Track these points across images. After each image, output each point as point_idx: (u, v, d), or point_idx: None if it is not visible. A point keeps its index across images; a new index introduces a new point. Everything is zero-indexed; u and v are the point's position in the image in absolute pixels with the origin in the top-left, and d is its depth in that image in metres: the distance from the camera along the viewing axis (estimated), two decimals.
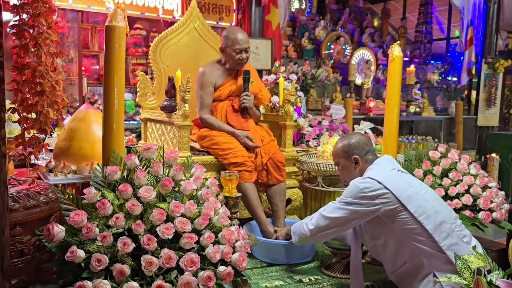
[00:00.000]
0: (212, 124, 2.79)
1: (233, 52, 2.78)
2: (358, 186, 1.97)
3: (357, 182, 1.99)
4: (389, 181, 1.96)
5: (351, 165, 2.15)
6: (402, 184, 1.98)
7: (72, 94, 5.60)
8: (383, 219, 1.97)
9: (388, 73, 2.86)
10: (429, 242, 1.90)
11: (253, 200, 2.59)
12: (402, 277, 2.04)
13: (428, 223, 1.90)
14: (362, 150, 2.13)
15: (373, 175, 1.99)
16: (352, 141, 2.15)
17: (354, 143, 2.14)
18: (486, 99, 8.29)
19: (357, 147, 2.13)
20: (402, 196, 1.92)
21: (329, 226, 2.04)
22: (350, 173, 2.16)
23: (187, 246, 1.65)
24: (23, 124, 2.31)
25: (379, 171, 2.04)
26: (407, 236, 1.94)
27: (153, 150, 1.88)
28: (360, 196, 1.95)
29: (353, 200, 1.97)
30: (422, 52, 9.27)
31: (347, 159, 2.15)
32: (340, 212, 1.99)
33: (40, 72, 2.24)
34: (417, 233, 1.91)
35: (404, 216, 1.92)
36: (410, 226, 1.91)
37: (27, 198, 1.78)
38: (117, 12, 1.96)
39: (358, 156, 2.12)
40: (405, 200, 1.92)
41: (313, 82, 6.16)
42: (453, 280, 1.47)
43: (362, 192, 1.95)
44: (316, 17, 8.54)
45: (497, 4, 8.11)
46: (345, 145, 2.16)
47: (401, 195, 1.93)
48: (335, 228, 2.04)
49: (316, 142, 3.96)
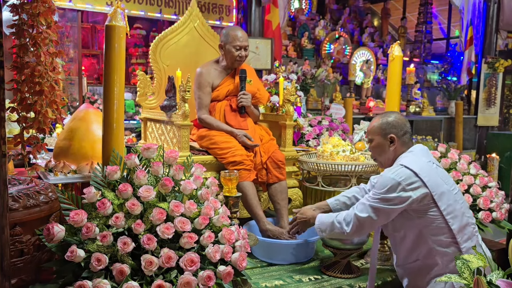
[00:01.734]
0: (211, 124, 2.79)
1: (232, 49, 2.78)
2: (394, 178, 1.90)
3: (392, 175, 1.92)
4: (425, 174, 1.90)
5: (386, 143, 2.06)
6: (437, 179, 1.93)
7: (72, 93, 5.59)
8: (410, 213, 1.93)
9: (388, 73, 2.86)
10: (450, 243, 1.88)
11: (252, 198, 2.59)
12: (409, 272, 2.02)
13: (454, 223, 1.88)
14: (400, 130, 2.05)
15: (409, 164, 1.92)
16: (390, 119, 2.07)
17: (393, 121, 2.06)
18: (486, 99, 8.29)
19: (395, 126, 2.05)
20: (435, 192, 1.88)
21: (365, 227, 1.99)
22: (384, 152, 2.08)
23: (187, 245, 1.65)
24: (22, 123, 2.31)
25: (415, 160, 1.96)
26: (429, 234, 1.91)
27: (153, 150, 1.87)
28: (397, 189, 1.88)
29: (388, 195, 1.90)
30: (422, 52, 9.26)
31: (383, 137, 2.07)
32: (375, 212, 1.94)
33: (39, 71, 2.24)
34: (441, 232, 1.89)
35: (433, 213, 1.89)
36: (436, 224, 1.89)
37: (27, 198, 1.78)
38: (117, 12, 1.96)
39: (394, 136, 2.04)
40: (437, 197, 1.88)
41: (313, 81, 6.15)
42: (453, 280, 1.46)
43: (400, 184, 1.88)
44: (316, 16, 8.54)
45: (497, 4, 8.11)
46: (383, 123, 2.07)
47: (435, 190, 1.89)
48: (372, 228, 2.02)
49: (316, 141, 3.97)
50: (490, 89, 8.29)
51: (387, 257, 2.50)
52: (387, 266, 2.45)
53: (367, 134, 2.17)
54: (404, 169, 1.91)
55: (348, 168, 2.90)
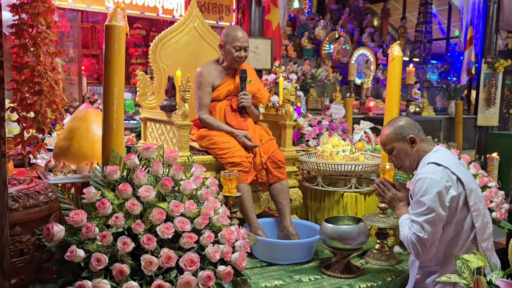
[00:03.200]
0: (211, 124, 2.79)
1: (232, 49, 2.78)
2: (432, 178, 1.86)
3: (430, 175, 1.87)
4: (458, 170, 1.90)
5: (408, 146, 2.05)
6: (467, 175, 1.93)
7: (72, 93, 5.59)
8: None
9: (388, 73, 2.87)
10: (472, 241, 1.89)
11: (247, 202, 2.59)
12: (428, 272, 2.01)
13: (478, 221, 1.88)
14: (414, 129, 2.06)
15: (441, 161, 1.90)
16: (402, 123, 2.07)
17: (405, 123, 2.07)
18: (486, 99, 8.29)
19: (409, 127, 2.05)
20: (468, 188, 1.88)
21: (431, 241, 1.90)
22: (408, 155, 2.06)
23: (186, 245, 1.65)
24: (22, 123, 2.31)
25: (444, 157, 1.94)
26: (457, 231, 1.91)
27: (153, 150, 1.87)
28: (438, 186, 1.84)
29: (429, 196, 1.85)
30: (422, 52, 9.27)
31: (402, 141, 2.05)
32: (432, 226, 1.87)
33: (39, 71, 2.24)
34: (466, 230, 1.90)
35: (463, 210, 1.89)
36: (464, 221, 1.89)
37: (27, 198, 1.78)
38: (117, 12, 1.96)
39: (413, 135, 2.04)
40: (468, 193, 1.88)
41: (313, 81, 6.16)
42: (453, 280, 1.47)
43: (440, 182, 1.84)
44: (316, 16, 8.54)
45: (497, 3, 8.11)
46: (396, 128, 2.06)
47: (467, 186, 1.88)
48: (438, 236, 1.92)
49: (316, 141, 3.97)
50: (490, 89, 8.29)
51: (387, 257, 2.50)
52: (387, 266, 2.45)
53: (384, 146, 2.14)
54: (437, 166, 1.89)
55: (348, 168, 2.90)
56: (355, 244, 2.29)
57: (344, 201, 2.95)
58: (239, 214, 2.49)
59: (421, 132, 2.08)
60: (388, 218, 2.52)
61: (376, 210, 2.62)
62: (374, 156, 3.26)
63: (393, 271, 2.39)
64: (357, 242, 2.28)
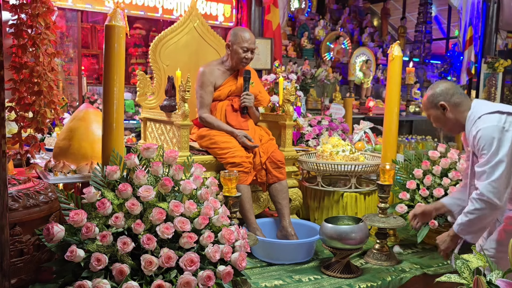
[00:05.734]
0: (212, 124, 2.79)
1: (240, 50, 2.78)
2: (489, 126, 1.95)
3: (484, 124, 1.97)
4: (504, 108, 1.98)
5: (440, 113, 2.15)
6: None
7: (71, 93, 5.59)
8: None
9: (388, 73, 2.87)
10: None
11: (246, 202, 2.59)
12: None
13: None
14: (446, 95, 2.13)
15: (487, 110, 2.00)
16: (437, 89, 2.16)
17: (438, 91, 2.15)
18: (486, 98, 8.28)
19: (441, 94, 2.14)
20: None
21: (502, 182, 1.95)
22: (445, 120, 2.17)
23: (186, 245, 1.65)
24: (20, 123, 2.31)
25: (486, 104, 2.06)
26: None
27: (153, 150, 1.87)
28: (499, 132, 1.94)
29: (495, 145, 1.93)
30: (422, 52, 9.27)
31: (435, 109, 2.16)
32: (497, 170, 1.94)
33: (38, 72, 2.24)
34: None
35: None
36: None
37: (27, 198, 1.78)
38: (117, 12, 1.96)
39: (443, 102, 2.13)
40: None
41: (312, 81, 6.15)
42: (452, 280, 1.47)
43: (497, 127, 1.94)
44: (315, 16, 8.54)
45: (497, 3, 8.10)
46: (429, 96, 2.17)
47: None
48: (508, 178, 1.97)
49: (316, 141, 3.97)
50: (490, 89, 8.28)
51: (387, 257, 2.50)
52: (387, 266, 2.45)
53: (425, 112, 2.26)
54: (485, 116, 1.99)
55: (348, 168, 2.90)
56: (355, 244, 2.29)
57: (344, 201, 2.95)
58: (239, 214, 2.49)
59: (455, 95, 2.13)
60: (388, 218, 2.52)
61: (376, 210, 2.62)
62: (374, 156, 3.26)
63: (393, 271, 2.39)
64: (357, 242, 2.28)
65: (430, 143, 4.39)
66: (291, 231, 2.61)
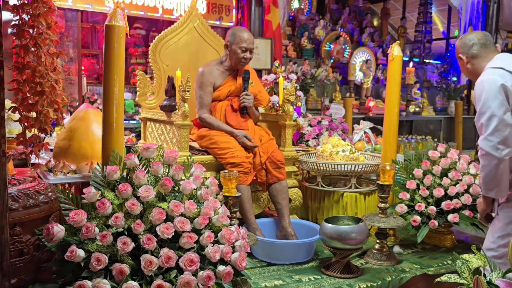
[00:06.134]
0: (211, 124, 2.79)
1: (238, 50, 2.78)
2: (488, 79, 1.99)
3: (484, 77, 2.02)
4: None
5: (462, 63, 2.23)
6: None
7: (71, 93, 5.59)
8: None
9: (388, 73, 2.87)
10: None
11: (246, 202, 2.60)
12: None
13: None
14: (465, 47, 2.19)
15: (496, 64, 2.03)
16: (460, 41, 2.23)
17: (460, 43, 2.22)
18: None
19: (462, 46, 2.20)
20: None
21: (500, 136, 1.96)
22: (467, 71, 2.23)
23: (186, 245, 1.65)
24: (24, 123, 2.31)
25: (503, 59, 2.07)
26: None
27: (153, 150, 1.88)
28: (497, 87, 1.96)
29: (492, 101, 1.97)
30: (422, 52, 9.26)
31: (459, 59, 2.24)
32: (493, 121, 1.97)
33: (40, 72, 2.24)
34: None
35: None
36: None
37: (27, 198, 1.78)
38: (117, 12, 1.96)
39: (461, 54, 2.20)
40: None
41: (312, 81, 6.15)
42: (452, 280, 1.47)
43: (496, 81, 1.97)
44: (315, 16, 8.53)
45: (497, 3, 8.10)
46: (457, 46, 2.24)
47: None
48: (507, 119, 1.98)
49: (316, 141, 3.97)
50: None
51: (387, 257, 2.50)
52: (387, 266, 2.45)
53: None
54: (491, 69, 2.03)
55: (348, 168, 2.90)
56: (355, 244, 2.29)
57: (344, 201, 2.95)
58: (239, 214, 2.49)
59: (475, 46, 2.16)
60: (388, 218, 2.52)
61: (376, 210, 2.63)
62: (374, 156, 3.26)
63: (393, 271, 2.39)
64: (357, 242, 2.28)
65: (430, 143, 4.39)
66: (290, 231, 2.61)
